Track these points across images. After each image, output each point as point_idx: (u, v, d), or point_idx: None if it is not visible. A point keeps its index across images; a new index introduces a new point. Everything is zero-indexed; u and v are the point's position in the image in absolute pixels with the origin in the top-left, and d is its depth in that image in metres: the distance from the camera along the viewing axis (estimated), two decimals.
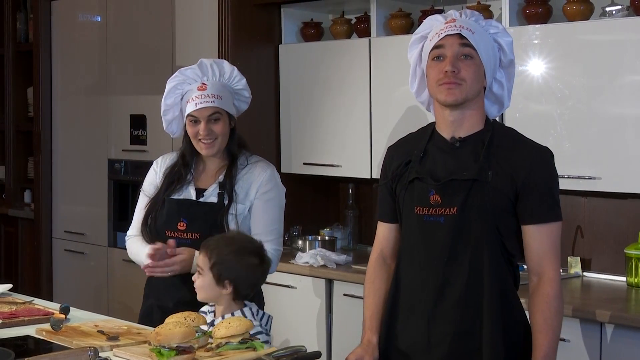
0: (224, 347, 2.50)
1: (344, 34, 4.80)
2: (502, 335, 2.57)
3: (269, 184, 3.23)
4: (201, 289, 2.82)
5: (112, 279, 5.47)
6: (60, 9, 5.93)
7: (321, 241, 4.67)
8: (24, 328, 2.90)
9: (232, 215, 3.14)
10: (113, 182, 5.55)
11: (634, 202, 3.93)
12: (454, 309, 2.60)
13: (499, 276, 2.59)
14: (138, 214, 3.32)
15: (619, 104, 3.67)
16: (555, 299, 2.56)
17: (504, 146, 2.62)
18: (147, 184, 3.34)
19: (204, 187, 3.22)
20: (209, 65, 3.25)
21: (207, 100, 3.17)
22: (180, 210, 3.18)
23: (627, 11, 3.82)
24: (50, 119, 6.01)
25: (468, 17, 2.68)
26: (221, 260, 2.78)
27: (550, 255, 2.58)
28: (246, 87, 3.32)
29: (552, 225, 2.59)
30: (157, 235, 3.18)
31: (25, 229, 6.30)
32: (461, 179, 2.59)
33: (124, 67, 5.47)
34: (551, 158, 2.65)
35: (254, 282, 2.83)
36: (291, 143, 4.88)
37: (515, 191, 2.58)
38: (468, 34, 2.61)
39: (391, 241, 2.82)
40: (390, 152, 2.86)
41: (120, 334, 2.76)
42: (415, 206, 2.66)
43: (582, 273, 4.05)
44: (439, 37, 2.64)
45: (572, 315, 3.39)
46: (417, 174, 2.67)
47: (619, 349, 3.31)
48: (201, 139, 3.18)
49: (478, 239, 2.58)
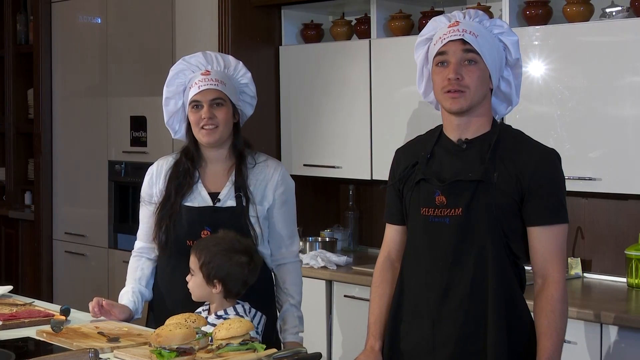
0: (225, 349, 2.50)
1: (344, 35, 4.80)
2: (506, 338, 2.56)
3: (283, 184, 3.18)
4: (193, 289, 2.86)
5: (113, 281, 5.47)
6: (61, 11, 5.93)
7: (321, 242, 4.67)
8: (25, 330, 2.90)
9: (254, 218, 3.09)
10: (113, 183, 5.54)
11: (634, 203, 3.93)
12: (459, 310, 2.59)
13: (503, 278, 2.59)
14: (144, 224, 3.22)
15: (619, 105, 3.67)
16: (560, 301, 2.55)
17: (510, 148, 2.62)
18: (145, 193, 3.23)
19: (215, 191, 3.13)
20: (214, 55, 3.19)
21: (211, 83, 3.08)
22: (202, 218, 3.07)
23: (627, 12, 3.82)
24: (51, 121, 6.01)
25: (472, 18, 2.67)
26: (209, 260, 2.80)
27: (555, 257, 2.57)
28: (251, 82, 3.23)
29: (557, 227, 2.58)
30: (176, 245, 3.07)
31: (26, 231, 6.30)
32: (466, 179, 2.59)
33: (124, 69, 5.47)
34: (557, 160, 2.64)
35: (244, 280, 2.83)
36: (291, 144, 4.88)
37: (521, 192, 2.57)
38: (471, 38, 2.60)
39: (398, 243, 2.81)
40: (398, 154, 2.85)
41: (120, 335, 2.76)
42: (421, 207, 2.66)
43: (582, 274, 4.05)
44: (442, 43, 2.63)
45: (573, 317, 3.39)
46: (423, 175, 2.67)
47: (620, 350, 3.31)
48: (203, 125, 3.08)
49: (483, 239, 2.58)
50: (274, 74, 4.94)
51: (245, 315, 2.80)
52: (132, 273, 3.22)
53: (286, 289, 3.19)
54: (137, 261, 3.24)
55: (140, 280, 3.19)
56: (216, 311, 2.83)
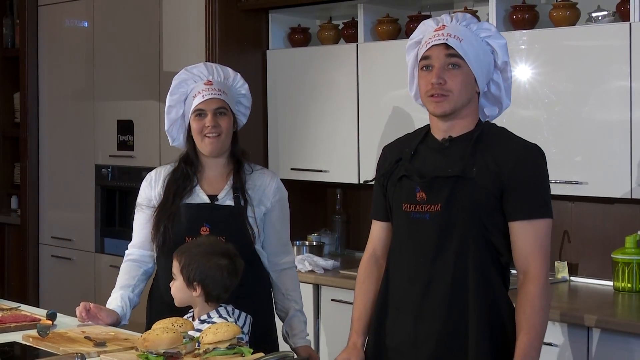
0: (212, 353, 2.50)
1: (331, 39, 4.80)
2: (488, 335, 2.56)
3: (279, 192, 3.23)
4: (175, 294, 2.85)
5: (99, 285, 5.46)
6: (47, 15, 5.91)
7: (309, 246, 4.67)
8: (11, 334, 2.88)
9: (252, 218, 3.12)
10: (100, 187, 5.53)
11: (620, 207, 3.94)
12: (440, 307, 2.59)
13: (485, 274, 2.58)
14: (140, 229, 3.24)
15: (605, 109, 3.68)
16: (538, 297, 2.53)
17: (491, 143, 2.63)
18: (142, 199, 3.24)
19: (214, 194, 3.16)
20: (214, 66, 3.24)
21: (215, 92, 3.13)
22: (201, 215, 3.11)
23: (613, 17, 3.83)
24: (37, 125, 5.99)
25: (459, 21, 2.69)
26: (189, 262, 2.80)
27: (536, 252, 2.55)
28: (248, 93, 3.28)
29: (538, 222, 2.56)
30: (175, 243, 3.06)
31: (12, 235, 6.28)
32: (445, 175, 2.60)
33: (111, 73, 5.46)
34: (540, 155, 2.63)
35: (224, 283, 2.81)
36: (279, 148, 4.88)
37: (500, 187, 2.57)
38: (455, 42, 2.61)
39: (384, 240, 2.82)
40: (384, 151, 2.87)
41: (107, 339, 2.75)
42: (403, 203, 2.68)
43: (569, 278, 4.06)
44: (426, 47, 2.65)
45: (559, 320, 3.40)
46: (406, 172, 2.69)
47: (606, 354, 3.32)
48: (207, 133, 3.11)
49: (463, 235, 2.58)
50: (261, 78, 4.93)
51: (229, 317, 2.79)
52: (122, 279, 3.23)
53: (289, 295, 3.24)
54: (128, 267, 3.25)
55: (129, 287, 3.20)
56: (199, 316, 2.82)
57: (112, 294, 3.19)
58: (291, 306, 3.22)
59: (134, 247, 3.26)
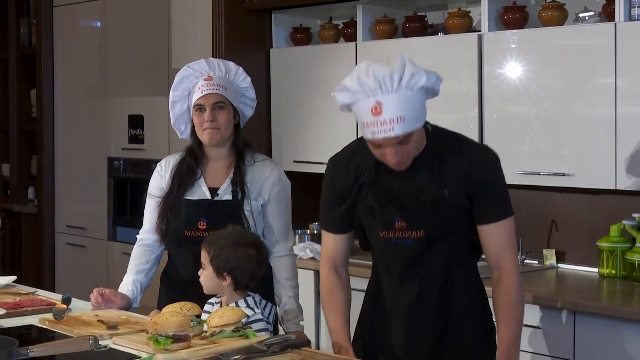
0: (218, 336, 2.50)
1: (331, 38, 4.80)
2: (478, 343, 2.58)
3: (279, 183, 3.20)
4: (204, 283, 2.82)
5: (112, 271, 5.46)
6: (62, 15, 5.91)
7: (310, 235, 4.68)
8: (28, 318, 2.89)
9: (249, 212, 3.11)
10: (112, 179, 5.53)
11: (605, 198, 3.94)
12: (430, 318, 2.57)
13: (472, 284, 2.60)
14: (149, 216, 3.25)
15: (591, 104, 3.68)
16: (515, 291, 2.53)
17: (449, 155, 2.54)
18: (153, 188, 3.26)
19: (215, 186, 3.16)
20: (216, 62, 3.22)
21: (213, 88, 3.12)
22: (200, 210, 3.12)
23: (599, 17, 3.83)
24: (53, 119, 6.00)
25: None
26: (218, 253, 2.77)
27: (506, 249, 2.54)
28: (250, 86, 3.26)
29: (504, 221, 2.53)
30: (176, 235, 3.12)
31: (29, 224, 6.29)
32: (422, 202, 2.52)
33: (123, 70, 5.46)
34: (495, 158, 2.58)
35: (253, 272, 2.81)
36: (282, 142, 4.88)
37: (469, 195, 2.52)
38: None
39: (341, 250, 2.72)
40: (334, 166, 2.74)
41: (119, 323, 2.75)
42: (380, 231, 2.59)
43: (557, 265, 4.06)
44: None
45: (547, 305, 3.40)
46: (375, 200, 2.57)
47: (591, 336, 3.32)
48: (205, 127, 3.11)
49: (447, 250, 2.55)
50: (265, 75, 4.93)
51: (256, 307, 2.77)
52: (134, 263, 3.25)
53: (283, 281, 3.19)
54: (139, 251, 3.27)
55: (140, 270, 3.22)
56: (227, 304, 2.79)
57: (125, 278, 3.21)
58: (284, 293, 3.17)
59: (145, 232, 3.27)
